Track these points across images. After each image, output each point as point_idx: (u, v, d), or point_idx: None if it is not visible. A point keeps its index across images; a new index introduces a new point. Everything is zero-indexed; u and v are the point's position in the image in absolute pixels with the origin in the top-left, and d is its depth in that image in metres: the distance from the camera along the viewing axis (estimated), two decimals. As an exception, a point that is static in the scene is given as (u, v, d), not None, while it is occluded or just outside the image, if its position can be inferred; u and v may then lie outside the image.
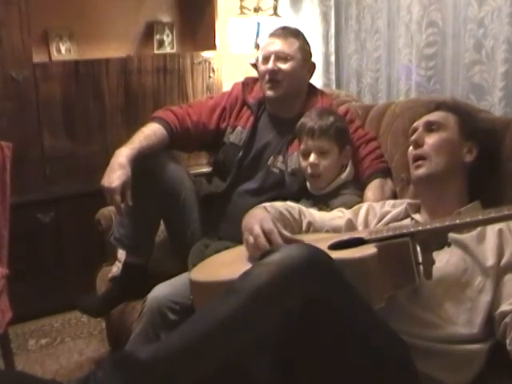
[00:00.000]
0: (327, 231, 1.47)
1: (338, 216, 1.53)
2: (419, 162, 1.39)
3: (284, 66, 1.86)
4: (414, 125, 1.47)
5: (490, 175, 1.41)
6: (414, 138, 1.42)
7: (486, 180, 1.41)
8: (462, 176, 1.39)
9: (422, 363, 1.17)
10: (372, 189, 1.74)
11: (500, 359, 1.22)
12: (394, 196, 1.75)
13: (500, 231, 1.28)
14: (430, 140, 1.40)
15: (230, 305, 1.03)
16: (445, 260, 1.25)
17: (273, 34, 1.93)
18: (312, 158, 1.71)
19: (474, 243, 1.28)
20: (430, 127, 1.42)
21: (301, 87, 1.93)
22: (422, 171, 1.39)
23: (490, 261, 1.25)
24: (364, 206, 1.54)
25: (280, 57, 1.86)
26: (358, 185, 1.78)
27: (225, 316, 1.02)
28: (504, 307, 1.20)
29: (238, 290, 1.05)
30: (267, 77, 1.86)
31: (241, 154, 1.89)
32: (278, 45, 1.87)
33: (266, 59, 1.88)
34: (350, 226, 1.50)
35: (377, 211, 1.50)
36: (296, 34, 1.93)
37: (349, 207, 1.59)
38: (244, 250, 1.35)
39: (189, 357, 1.00)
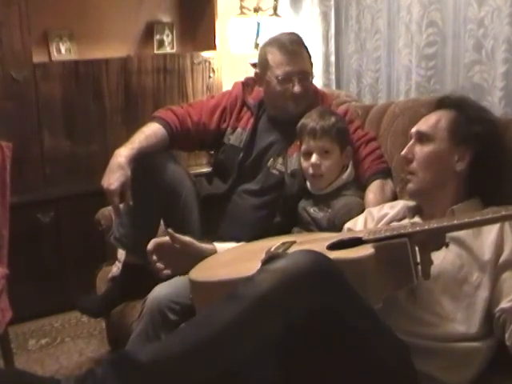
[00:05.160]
0: None
1: None
2: (409, 177, 1.42)
3: (308, 84, 1.85)
4: (411, 130, 1.45)
5: (490, 175, 1.41)
6: (403, 153, 1.43)
7: (485, 179, 1.39)
8: (455, 182, 1.38)
9: (421, 362, 1.17)
10: (373, 190, 1.73)
11: (501, 359, 1.22)
12: (395, 196, 1.75)
13: (501, 225, 1.27)
14: (417, 155, 1.40)
15: (232, 311, 1.02)
16: (441, 257, 1.24)
17: (287, 50, 1.82)
18: (314, 158, 1.71)
19: (470, 238, 1.27)
20: (421, 138, 1.41)
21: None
22: (410, 186, 1.42)
23: (487, 255, 1.24)
24: (361, 216, 1.54)
25: (303, 76, 1.83)
26: (359, 185, 1.77)
27: (226, 322, 1.01)
28: (503, 304, 1.20)
29: (240, 295, 1.04)
30: (292, 96, 1.82)
31: (241, 156, 1.88)
32: (298, 65, 1.82)
33: (287, 80, 1.81)
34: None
35: (374, 215, 1.51)
36: (302, 42, 1.88)
37: (351, 209, 1.60)
38: (243, 250, 1.34)
39: (188, 361, 1.00)
